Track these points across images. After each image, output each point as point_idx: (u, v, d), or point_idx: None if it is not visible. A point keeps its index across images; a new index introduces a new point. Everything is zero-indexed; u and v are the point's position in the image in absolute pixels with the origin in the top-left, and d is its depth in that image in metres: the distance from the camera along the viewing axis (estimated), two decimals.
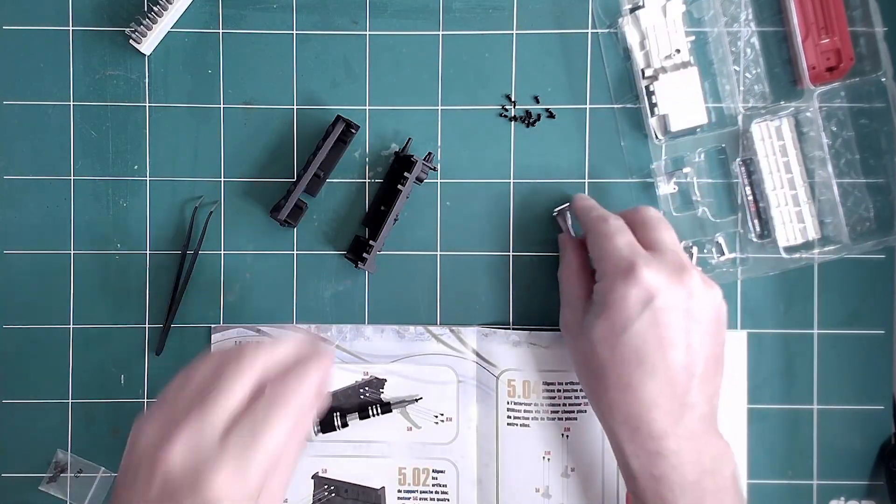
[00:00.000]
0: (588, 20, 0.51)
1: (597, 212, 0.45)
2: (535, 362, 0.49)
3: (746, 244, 0.50)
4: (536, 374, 0.49)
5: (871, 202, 0.49)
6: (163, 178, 0.51)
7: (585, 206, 0.46)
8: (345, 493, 0.49)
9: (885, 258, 0.50)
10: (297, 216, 0.49)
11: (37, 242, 0.50)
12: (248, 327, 0.50)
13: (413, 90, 0.51)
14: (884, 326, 0.50)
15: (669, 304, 0.39)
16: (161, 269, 0.50)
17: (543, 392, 0.49)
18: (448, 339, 0.50)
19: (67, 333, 0.50)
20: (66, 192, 0.50)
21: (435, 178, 0.51)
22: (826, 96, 0.49)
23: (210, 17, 0.51)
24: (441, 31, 0.51)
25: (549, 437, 0.49)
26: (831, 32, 0.48)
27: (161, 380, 0.50)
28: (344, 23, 0.51)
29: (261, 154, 0.51)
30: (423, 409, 0.50)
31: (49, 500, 0.50)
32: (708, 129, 0.50)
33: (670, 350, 0.39)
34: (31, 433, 0.50)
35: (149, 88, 0.51)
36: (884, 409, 0.50)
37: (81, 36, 0.50)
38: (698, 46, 0.50)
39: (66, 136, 0.50)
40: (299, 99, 0.51)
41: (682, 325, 0.40)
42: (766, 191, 0.49)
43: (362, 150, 0.51)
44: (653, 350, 0.39)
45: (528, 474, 0.49)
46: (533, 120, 0.50)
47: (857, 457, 0.50)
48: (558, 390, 0.49)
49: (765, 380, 0.50)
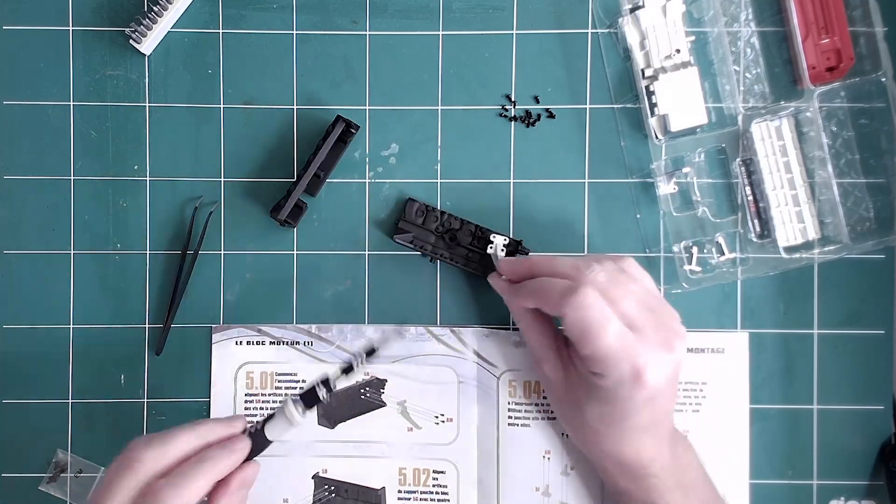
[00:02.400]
0: (588, 20, 0.51)
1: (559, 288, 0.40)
2: None
3: (746, 244, 0.50)
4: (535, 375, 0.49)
5: (871, 202, 0.49)
6: (163, 178, 0.51)
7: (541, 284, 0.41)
8: (345, 493, 0.49)
9: (885, 258, 0.50)
10: (297, 216, 0.49)
11: (37, 242, 0.50)
12: (248, 327, 0.50)
13: (413, 90, 0.51)
14: (884, 326, 0.50)
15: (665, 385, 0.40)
16: (161, 269, 0.50)
17: (543, 392, 0.49)
18: (449, 340, 0.50)
19: (67, 333, 0.50)
20: (66, 192, 0.50)
21: (435, 178, 0.51)
22: (826, 96, 0.49)
23: (210, 17, 0.51)
24: (441, 31, 0.51)
25: (549, 436, 0.49)
26: (831, 32, 0.48)
27: (161, 380, 0.50)
28: (344, 23, 0.51)
29: (261, 154, 0.51)
30: (424, 409, 0.50)
31: (49, 500, 0.50)
32: (708, 129, 0.50)
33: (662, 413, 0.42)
34: (31, 433, 0.50)
35: (149, 88, 0.51)
36: (884, 409, 0.50)
37: (81, 36, 0.50)
38: (698, 46, 0.50)
39: (66, 136, 0.50)
40: (299, 99, 0.51)
41: (671, 390, 0.42)
42: (766, 191, 0.49)
43: (362, 150, 0.51)
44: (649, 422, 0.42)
45: (529, 474, 0.49)
46: (533, 120, 0.50)
47: (857, 457, 0.50)
48: None
49: (765, 380, 0.50)
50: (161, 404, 0.50)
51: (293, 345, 0.50)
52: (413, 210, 0.49)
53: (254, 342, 0.50)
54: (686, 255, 0.50)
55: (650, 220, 0.51)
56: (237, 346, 0.50)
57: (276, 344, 0.50)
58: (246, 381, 0.50)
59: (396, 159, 0.51)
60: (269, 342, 0.50)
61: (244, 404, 0.50)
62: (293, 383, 0.50)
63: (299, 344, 0.50)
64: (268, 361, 0.50)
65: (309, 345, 0.50)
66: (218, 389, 0.50)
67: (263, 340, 0.50)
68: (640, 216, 0.51)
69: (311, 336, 0.50)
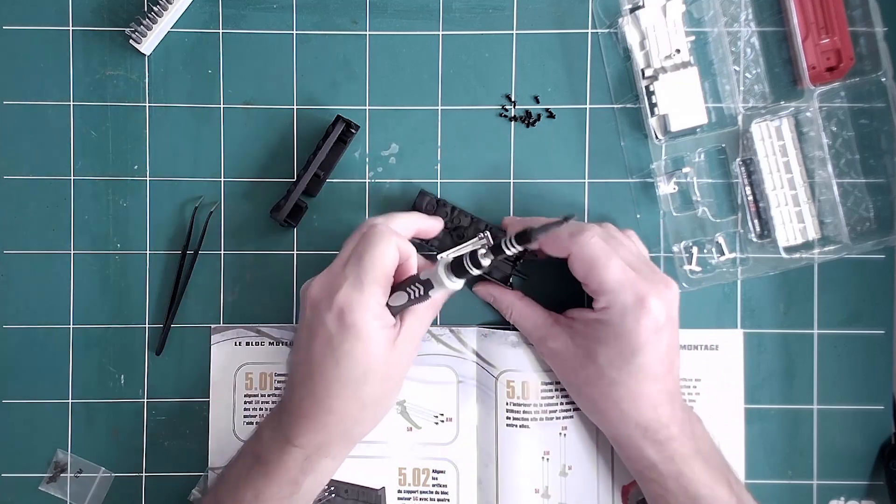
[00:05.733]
0: (588, 20, 0.51)
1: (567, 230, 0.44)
2: (533, 362, 0.49)
3: (746, 244, 0.50)
4: (535, 375, 0.49)
5: (871, 202, 0.49)
6: (163, 178, 0.51)
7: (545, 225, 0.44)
8: (345, 493, 0.49)
9: (885, 258, 0.50)
10: (297, 216, 0.49)
11: (37, 242, 0.50)
12: (247, 327, 0.50)
13: (413, 90, 0.51)
14: (884, 326, 0.50)
15: (666, 322, 0.43)
16: (161, 269, 0.51)
17: (542, 391, 0.49)
18: (448, 340, 0.50)
19: (67, 333, 0.50)
20: (66, 192, 0.50)
21: (435, 178, 0.51)
22: (826, 96, 0.49)
23: (210, 17, 0.51)
24: (441, 31, 0.51)
25: (547, 436, 0.49)
26: (831, 32, 0.48)
27: (161, 380, 0.50)
28: (344, 23, 0.51)
29: (261, 154, 0.51)
30: (424, 409, 0.50)
31: (49, 500, 0.50)
32: (708, 129, 0.50)
33: (668, 358, 0.44)
34: (31, 433, 0.50)
35: (149, 88, 0.51)
36: (884, 409, 0.50)
37: (81, 36, 0.50)
38: (698, 46, 0.50)
39: (66, 136, 0.50)
40: (299, 99, 0.51)
41: (673, 334, 0.44)
42: (766, 191, 0.49)
43: (362, 150, 0.51)
44: (658, 363, 0.43)
45: (528, 475, 0.49)
46: (533, 120, 0.50)
47: (857, 457, 0.50)
48: (556, 389, 0.49)
49: (765, 380, 0.50)
50: (161, 404, 0.50)
51: (292, 345, 0.50)
52: (423, 202, 0.49)
53: (253, 343, 0.50)
54: (686, 255, 0.50)
55: (650, 220, 0.51)
56: (236, 346, 0.50)
57: (275, 344, 0.50)
58: (245, 382, 0.50)
59: (396, 159, 0.51)
60: (269, 343, 0.50)
61: (244, 405, 0.50)
62: None
63: None
64: (267, 362, 0.50)
65: None
66: (217, 390, 0.50)
67: (262, 341, 0.50)
68: (640, 216, 0.51)
69: None
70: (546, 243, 0.45)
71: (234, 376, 0.50)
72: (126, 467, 0.50)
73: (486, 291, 0.50)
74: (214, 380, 0.50)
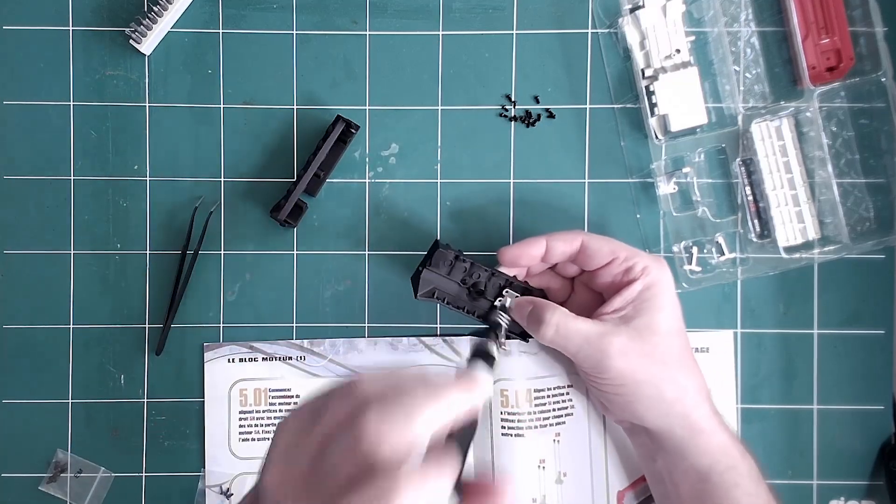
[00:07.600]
0: (588, 20, 0.51)
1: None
2: (526, 371, 0.49)
3: (746, 244, 0.50)
4: (527, 383, 0.49)
5: (871, 202, 0.49)
6: (163, 178, 0.51)
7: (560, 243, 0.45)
8: None
9: (885, 258, 0.50)
10: (297, 216, 0.49)
11: (37, 242, 0.50)
12: (239, 344, 0.50)
13: (413, 90, 0.51)
14: (884, 326, 0.50)
15: (673, 296, 0.44)
16: (161, 269, 0.50)
17: (534, 399, 0.49)
18: (441, 350, 0.50)
19: (67, 333, 0.50)
20: (66, 192, 0.50)
21: (435, 177, 0.51)
22: (826, 96, 0.49)
23: (210, 17, 0.51)
24: (441, 31, 0.51)
25: (542, 444, 0.49)
26: (831, 32, 0.48)
27: (161, 380, 0.50)
28: (344, 23, 0.51)
29: (261, 154, 0.51)
30: None
31: (49, 500, 0.50)
32: (708, 129, 0.50)
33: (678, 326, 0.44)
34: (31, 433, 0.50)
35: (149, 88, 0.51)
36: (884, 409, 0.50)
37: (81, 36, 0.50)
38: (698, 46, 0.50)
39: (66, 136, 0.50)
40: (299, 99, 0.51)
41: (676, 304, 0.45)
42: (766, 191, 0.49)
43: (362, 150, 0.51)
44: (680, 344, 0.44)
45: (525, 484, 0.48)
46: (533, 120, 0.50)
47: (857, 457, 0.50)
48: (548, 396, 0.49)
49: (765, 380, 0.50)
50: (161, 404, 0.50)
51: (286, 360, 0.50)
52: (440, 260, 0.46)
53: (246, 359, 0.50)
54: (686, 255, 0.50)
55: (650, 220, 0.51)
56: (229, 363, 0.50)
57: (268, 360, 0.50)
58: (240, 399, 0.50)
59: (396, 159, 0.51)
60: (262, 358, 0.50)
61: (239, 422, 0.50)
62: (287, 399, 0.50)
63: (292, 359, 0.50)
64: (261, 378, 0.50)
65: (301, 359, 0.50)
66: (212, 407, 0.50)
67: (256, 357, 0.50)
68: (640, 216, 0.51)
69: (304, 351, 0.50)
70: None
71: (228, 394, 0.50)
72: (126, 467, 0.50)
73: (523, 306, 0.45)
74: (208, 398, 0.50)
